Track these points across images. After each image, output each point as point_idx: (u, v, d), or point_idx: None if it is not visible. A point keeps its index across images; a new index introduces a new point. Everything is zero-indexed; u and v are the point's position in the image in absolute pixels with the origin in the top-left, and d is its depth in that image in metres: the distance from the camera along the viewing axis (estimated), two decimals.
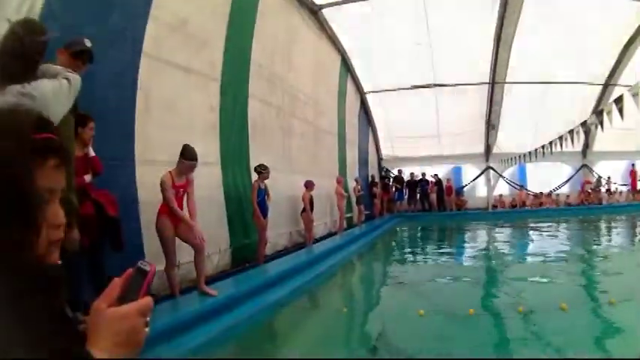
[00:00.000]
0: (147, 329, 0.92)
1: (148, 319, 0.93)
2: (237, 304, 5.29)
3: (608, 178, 21.85)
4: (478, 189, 22.32)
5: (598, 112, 10.11)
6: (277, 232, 9.82)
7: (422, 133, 20.23)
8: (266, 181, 8.23)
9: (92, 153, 4.17)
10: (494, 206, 21.53)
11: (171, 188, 5.23)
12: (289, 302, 6.07)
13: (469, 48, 15.65)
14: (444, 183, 21.51)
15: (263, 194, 8.10)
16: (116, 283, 0.94)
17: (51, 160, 0.90)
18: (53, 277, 0.87)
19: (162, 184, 5.23)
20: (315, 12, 12.48)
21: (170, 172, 5.34)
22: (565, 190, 22.12)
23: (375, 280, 8.32)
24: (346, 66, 16.27)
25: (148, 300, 0.93)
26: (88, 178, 4.06)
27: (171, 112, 6.60)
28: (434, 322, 5.08)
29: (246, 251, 8.19)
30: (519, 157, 17.83)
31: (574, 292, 6.04)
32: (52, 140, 0.91)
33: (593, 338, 4.35)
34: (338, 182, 13.86)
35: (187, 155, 5.36)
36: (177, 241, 5.37)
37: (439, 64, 16.59)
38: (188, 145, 5.47)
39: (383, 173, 21.91)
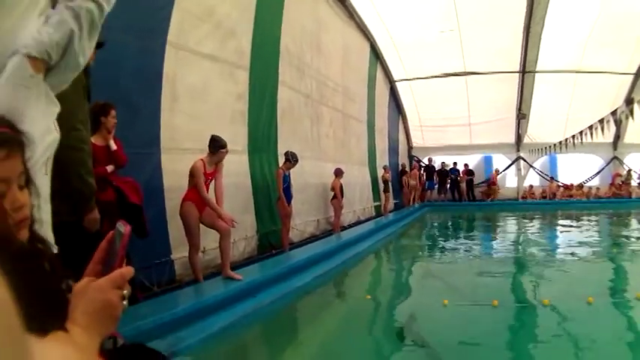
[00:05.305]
0: (125, 302, 0.93)
1: (125, 292, 0.93)
2: (260, 289, 5.35)
3: None
4: (508, 179, 21.92)
5: (628, 102, 9.81)
6: (305, 219, 9.88)
7: (452, 122, 19.94)
8: (294, 169, 8.27)
9: (114, 146, 4.25)
10: (524, 197, 21.15)
11: (202, 175, 5.32)
12: (312, 289, 6.11)
13: (499, 35, 15.29)
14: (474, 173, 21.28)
15: (288, 181, 8.14)
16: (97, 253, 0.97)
17: None
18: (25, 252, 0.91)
19: (194, 170, 5.31)
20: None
21: (202, 159, 5.42)
22: (595, 182, 21.45)
23: (400, 269, 8.28)
24: (375, 54, 16.14)
25: (120, 271, 0.93)
26: (110, 168, 4.15)
27: (198, 100, 6.67)
28: (457, 312, 5.03)
29: (273, 238, 8.28)
30: (550, 147, 17.47)
31: (602, 286, 5.88)
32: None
33: (618, 333, 4.24)
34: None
35: (221, 144, 5.50)
36: (203, 227, 5.46)
37: (469, 52, 16.31)
38: (215, 135, 5.57)
39: (422, 163, 21.65)
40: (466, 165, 21.15)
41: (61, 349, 0.76)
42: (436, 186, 21.13)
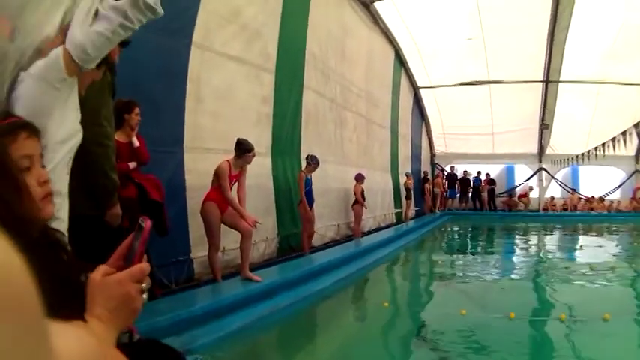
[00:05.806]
0: (144, 296, 0.93)
1: (144, 285, 0.93)
2: (279, 291, 5.34)
3: None
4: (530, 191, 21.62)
5: None
6: (326, 224, 9.84)
7: (475, 131, 19.72)
8: (316, 173, 8.26)
9: (137, 143, 4.27)
10: (545, 209, 20.84)
11: (227, 177, 5.33)
12: (330, 294, 6.07)
13: (523, 44, 15.08)
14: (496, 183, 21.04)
15: (310, 185, 8.12)
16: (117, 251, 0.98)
17: (22, 133, 1.08)
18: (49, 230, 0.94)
19: (220, 171, 5.32)
20: (367, 5, 12.32)
21: (228, 161, 5.42)
22: (616, 195, 20.98)
23: (419, 277, 8.21)
24: (400, 60, 16.05)
25: (139, 265, 0.93)
26: (132, 165, 4.18)
27: (223, 101, 6.70)
28: (474, 322, 4.95)
29: (294, 241, 8.27)
30: (572, 159, 17.16)
31: (619, 303, 5.77)
32: (17, 121, 1.13)
33: (632, 350, 4.15)
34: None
35: (247, 147, 5.49)
36: (224, 227, 5.47)
37: (493, 61, 16.10)
38: (242, 138, 5.58)
39: (445, 172, 21.47)
40: (488, 175, 20.91)
41: (78, 333, 0.76)
42: (458, 195, 20.94)
